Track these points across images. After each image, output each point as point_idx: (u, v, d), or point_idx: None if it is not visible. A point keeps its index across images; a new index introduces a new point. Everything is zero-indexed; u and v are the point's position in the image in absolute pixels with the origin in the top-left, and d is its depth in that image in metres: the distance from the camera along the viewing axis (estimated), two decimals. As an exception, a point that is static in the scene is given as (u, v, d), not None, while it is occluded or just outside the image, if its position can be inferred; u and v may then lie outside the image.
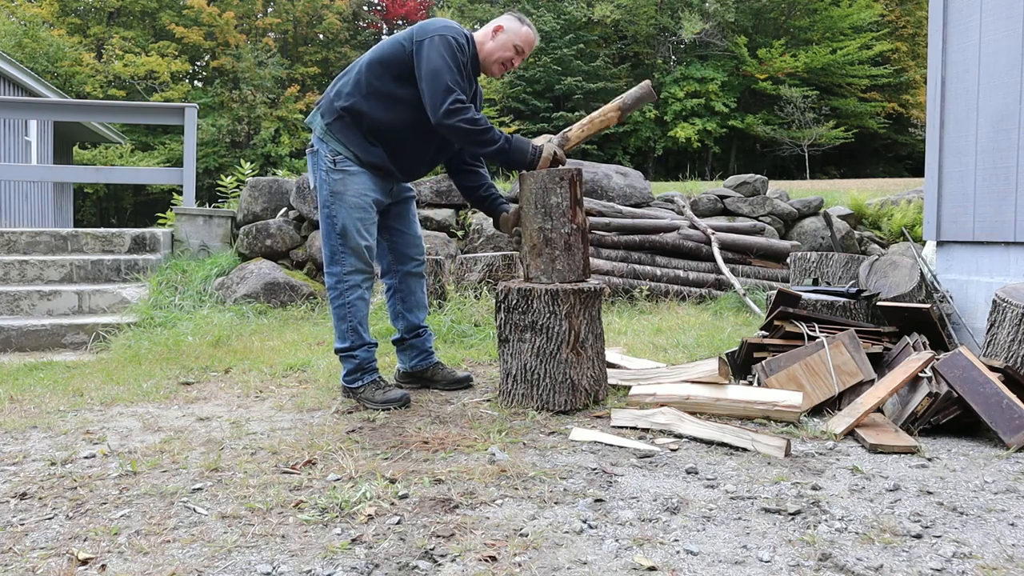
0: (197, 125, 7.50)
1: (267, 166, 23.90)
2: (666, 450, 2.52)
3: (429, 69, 2.88)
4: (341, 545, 1.79)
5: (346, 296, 3.08)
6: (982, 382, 2.70)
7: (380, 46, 3.07)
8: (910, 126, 27.06)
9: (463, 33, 3.01)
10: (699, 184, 9.42)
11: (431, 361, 3.46)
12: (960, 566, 1.70)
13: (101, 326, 5.07)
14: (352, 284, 3.08)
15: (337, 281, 3.08)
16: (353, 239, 3.04)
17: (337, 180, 3.04)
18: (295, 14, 28.58)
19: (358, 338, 3.12)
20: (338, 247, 3.05)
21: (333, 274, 3.09)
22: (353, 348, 3.12)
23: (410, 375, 3.47)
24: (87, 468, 2.39)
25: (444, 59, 2.88)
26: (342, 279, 3.07)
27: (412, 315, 3.41)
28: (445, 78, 2.87)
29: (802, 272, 4.71)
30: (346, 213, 3.03)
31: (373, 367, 3.18)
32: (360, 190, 3.05)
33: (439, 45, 2.89)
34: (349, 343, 3.11)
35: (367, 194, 3.07)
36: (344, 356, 3.15)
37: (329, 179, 3.05)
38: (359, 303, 3.11)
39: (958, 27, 4.32)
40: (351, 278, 3.07)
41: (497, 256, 5.48)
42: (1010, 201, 4.00)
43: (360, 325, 3.11)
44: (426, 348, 3.45)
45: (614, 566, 1.69)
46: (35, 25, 23.74)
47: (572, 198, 3.02)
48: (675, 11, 28.04)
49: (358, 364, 3.13)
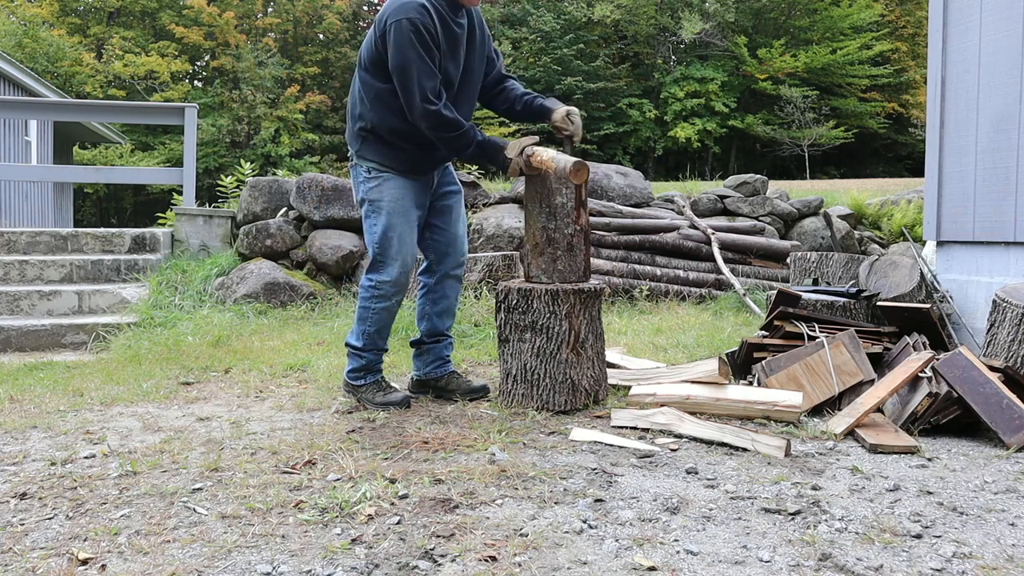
0: (197, 125, 7.50)
1: (267, 166, 23.89)
2: (666, 450, 2.52)
3: (394, 66, 2.84)
4: (341, 545, 1.79)
5: (374, 303, 3.06)
6: (982, 382, 2.70)
7: (362, 52, 3.05)
8: (910, 126, 27.06)
9: (418, 6, 2.81)
10: (699, 184, 9.42)
11: (446, 369, 3.31)
12: (960, 566, 1.70)
13: (101, 326, 5.07)
14: (383, 294, 3.05)
15: (371, 286, 3.06)
16: (392, 247, 3.01)
17: (373, 187, 3.03)
18: (295, 14, 28.57)
19: (372, 342, 3.11)
20: (377, 255, 3.03)
21: (370, 278, 3.07)
22: (364, 350, 3.11)
23: (423, 383, 3.33)
24: (87, 468, 2.39)
25: (405, 51, 2.80)
26: (377, 286, 3.05)
27: (439, 320, 3.28)
28: (411, 74, 2.81)
29: (802, 272, 4.71)
30: (385, 220, 3.01)
31: (378, 369, 3.18)
32: (396, 195, 3.02)
33: (398, 36, 2.81)
34: (362, 344, 3.10)
35: (404, 199, 3.03)
36: (353, 353, 3.13)
37: (366, 187, 3.05)
38: (384, 313, 3.09)
39: (958, 27, 4.32)
40: (384, 288, 3.04)
41: (497, 256, 5.48)
42: (1010, 201, 4.00)
43: (378, 332, 3.10)
44: (443, 356, 3.31)
45: (614, 566, 1.69)
46: (35, 25, 23.75)
47: (577, 199, 3.01)
48: (675, 11, 28.04)
49: (364, 364, 3.12)
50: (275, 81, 26.21)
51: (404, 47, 2.80)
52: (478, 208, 6.94)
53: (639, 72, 29.76)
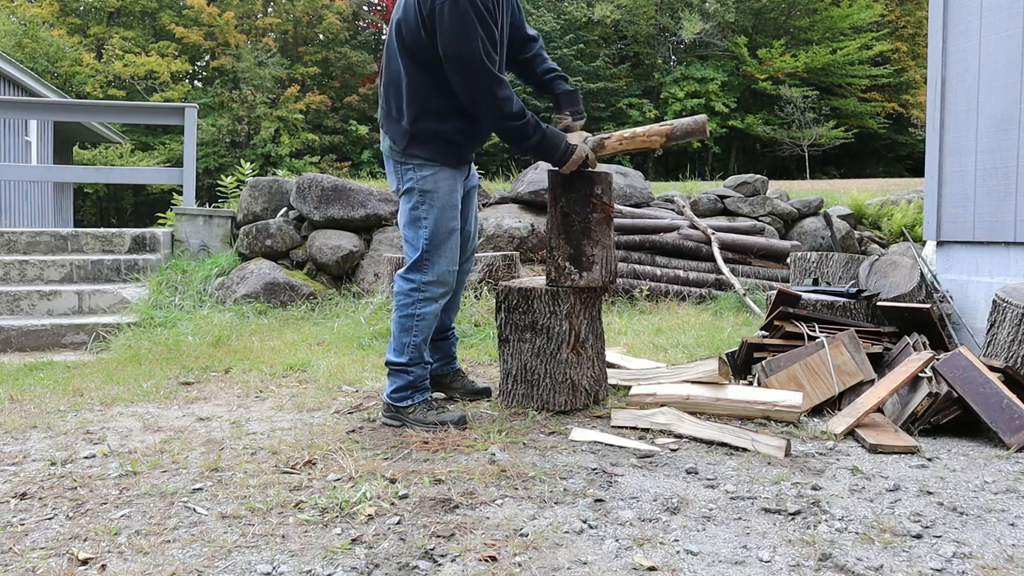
0: (197, 125, 7.50)
1: (267, 166, 23.88)
2: (666, 450, 2.52)
3: (454, 52, 2.55)
4: (341, 545, 1.79)
5: (419, 307, 2.78)
6: (982, 382, 2.70)
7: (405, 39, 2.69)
8: (910, 126, 27.05)
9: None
10: (699, 184, 9.42)
11: (453, 367, 3.24)
12: (960, 566, 1.70)
13: (101, 326, 5.06)
14: (430, 296, 2.79)
15: (413, 288, 2.78)
16: (444, 243, 2.77)
17: (427, 176, 2.75)
18: (295, 14, 28.55)
19: (418, 355, 2.81)
20: (426, 252, 2.76)
21: (411, 280, 2.79)
22: (410, 364, 2.80)
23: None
24: (87, 468, 2.39)
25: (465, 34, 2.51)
26: (421, 288, 2.78)
27: (446, 315, 3.13)
28: (475, 59, 2.53)
29: (802, 272, 4.71)
30: (438, 213, 2.75)
31: (426, 386, 2.87)
32: (451, 186, 2.79)
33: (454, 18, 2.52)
34: (407, 358, 2.79)
35: (456, 191, 2.82)
36: (396, 370, 2.81)
37: (417, 175, 2.76)
38: (431, 318, 2.81)
39: (958, 27, 4.32)
40: (431, 289, 2.78)
41: (497, 256, 5.48)
42: (1010, 201, 4.00)
43: (424, 342, 2.82)
44: (451, 352, 3.22)
45: (614, 566, 1.69)
46: (35, 25, 23.72)
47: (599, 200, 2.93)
48: (675, 11, 28.03)
49: (411, 382, 2.81)
50: (275, 81, 26.19)
51: (464, 29, 2.52)
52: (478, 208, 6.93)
53: (639, 72, 29.74)
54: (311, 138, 26.12)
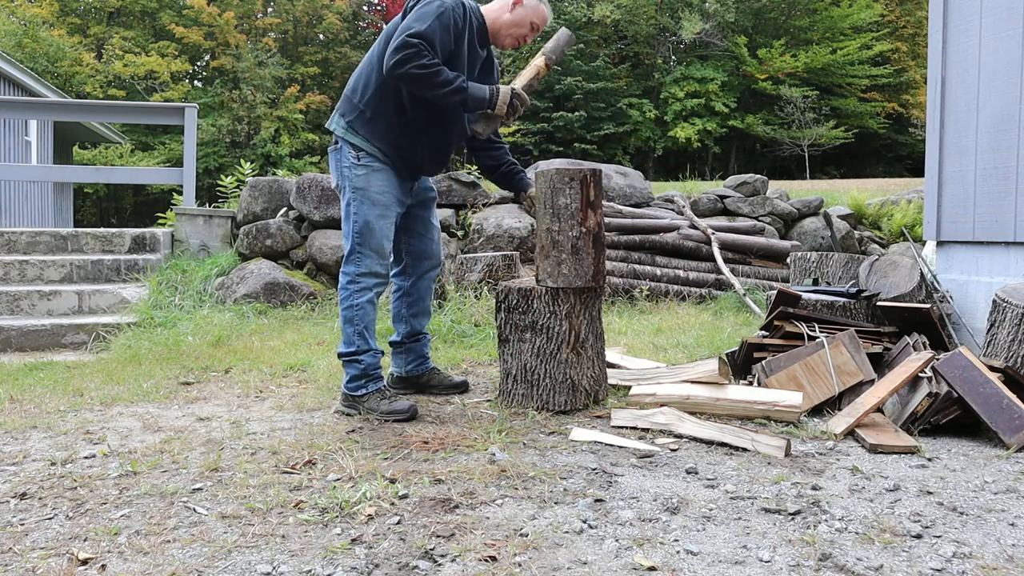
0: (197, 125, 7.50)
1: (267, 166, 23.89)
2: (666, 450, 2.52)
3: (404, 27, 2.77)
4: (341, 545, 1.79)
5: (356, 298, 2.97)
6: (982, 382, 2.70)
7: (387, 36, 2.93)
8: (910, 126, 27.05)
9: (460, 2, 2.88)
10: (699, 184, 9.42)
11: (427, 366, 3.39)
12: (960, 566, 1.70)
13: (101, 326, 5.07)
14: (364, 287, 2.98)
15: (349, 281, 2.98)
16: (373, 238, 2.96)
17: (360, 176, 2.96)
18: (295, 14, 28.56)
19: (364, 343, 2.99)
20: (356, 245, 2.97)
21: (347, 273, 2.99)
22: (358, 353, 2.99)
23: (404, 380, 3.39)
24: (87, 468, 2.39)
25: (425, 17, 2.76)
26: (355, 279, 2.98)
27: (416, 321, 3.32)
28: (415, 28, 2.73)
29: (802, 272, 4.71)
30: (368, 210, 2.95)
31: (378, 375, 3.04)
32: (383, 187, 2.97)
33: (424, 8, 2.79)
34: (355, 347, 2.99)
35: (390, 191, 2.99)
36: (348, 361, 3.01)
37: (352, 175, 2.97)
38: (368, 307, 3.00)
39: (958, 27, 4.32)
40: (364, 280, 2.98)
41: (497, 256, 5.48)
42: (1010, 201, 4.00)
43: (367, 330, 2.99)
44: (424, 353, 3.37)
45: (614, 566, 1.69)
46: (35, 25, 23.72)
47: (583, 200, 2.94)
48: (675, 11, 28.03)
49: (363, 370, 2.99)
50: (275, 81, 26.20)
51: (424, 16, 2.76)
52: (478, 208, 6.94)
53: (639, 72, 29.74)
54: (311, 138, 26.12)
